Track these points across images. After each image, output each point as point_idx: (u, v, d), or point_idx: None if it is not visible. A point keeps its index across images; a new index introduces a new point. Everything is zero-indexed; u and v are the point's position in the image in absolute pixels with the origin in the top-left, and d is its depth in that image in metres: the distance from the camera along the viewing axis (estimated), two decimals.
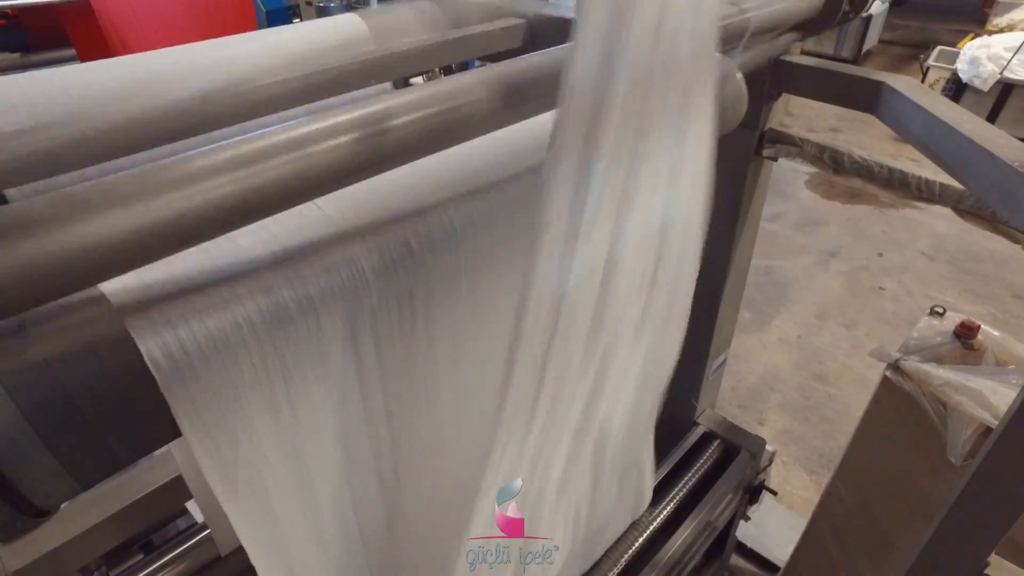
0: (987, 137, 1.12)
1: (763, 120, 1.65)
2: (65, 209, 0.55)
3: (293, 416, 0.77)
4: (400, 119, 0.59)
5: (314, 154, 0.56)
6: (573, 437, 1.03)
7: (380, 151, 0.59)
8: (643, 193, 0.79)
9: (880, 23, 9.75)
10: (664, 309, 1.06)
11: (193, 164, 0.57)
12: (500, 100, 0.65)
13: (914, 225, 5.72)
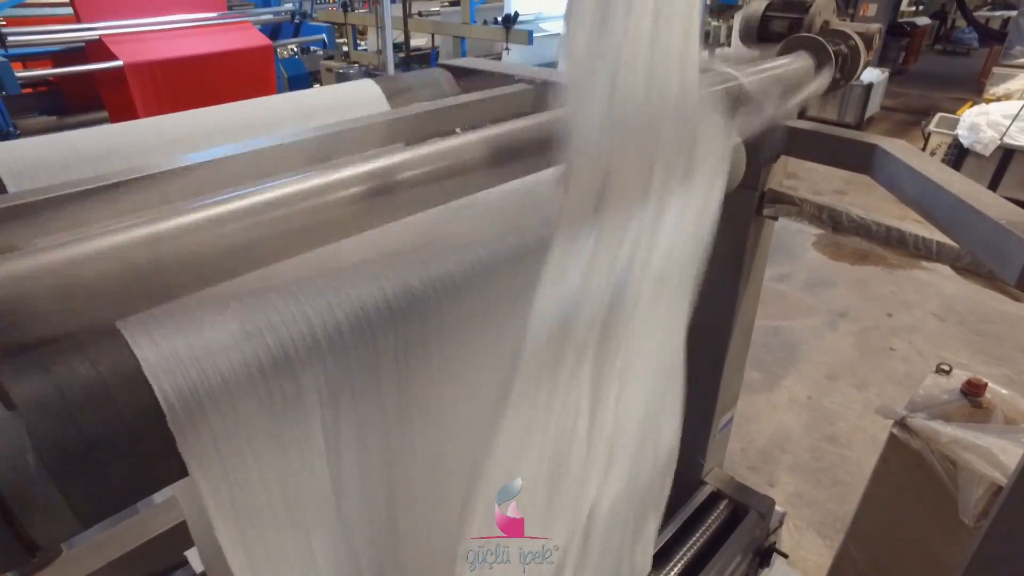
0: (975, 196, 1.16)
1: (763, 181, 1.70)
2: (86, 248, 0.59)
3: (299, 459, 0.78)
4: (406, 173, 0.64)
5: (322, 204, 0.60)
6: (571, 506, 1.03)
7: (387, 203, 0.63)
8: (643, 246, 0.82)
9: (881, 91, 10.03)
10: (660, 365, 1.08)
11: (210, 210, 0.61)
12: (503, 157, 0.69)
13: (923, 286, 5.72)
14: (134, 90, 3.85)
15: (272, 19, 5.00)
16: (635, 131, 0.70)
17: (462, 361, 0.89)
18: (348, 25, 7.09)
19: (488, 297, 0.82)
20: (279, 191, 0.61)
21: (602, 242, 0.75)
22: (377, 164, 0.64)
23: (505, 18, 5.51)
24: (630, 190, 0.74)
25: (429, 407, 0.88)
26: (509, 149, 0.72)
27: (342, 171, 0.63)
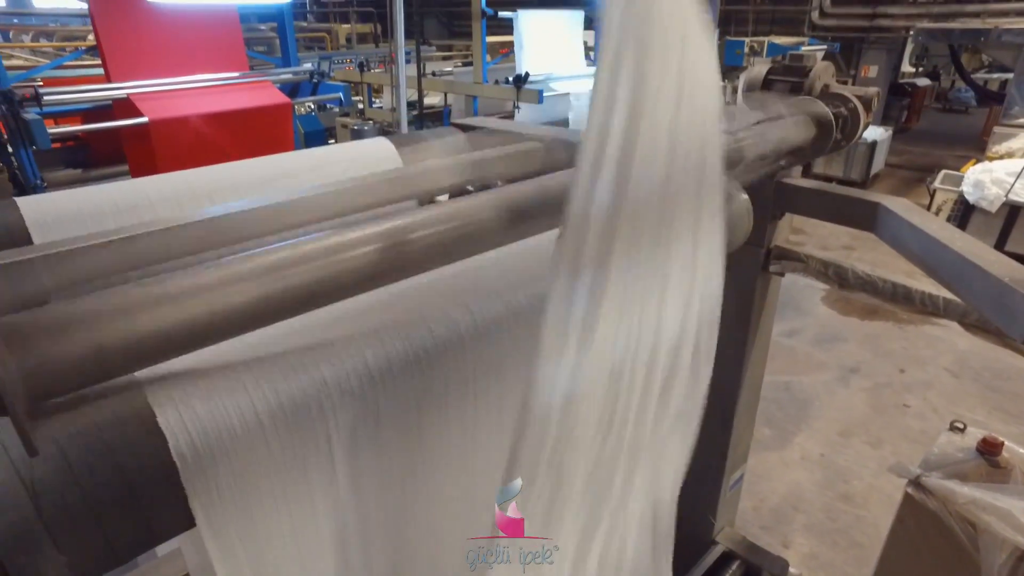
0: (976, 253, 1.18)
1: (768, 238, 1.73)
2: (106, 305, 0.61)
3: (301, 512, 0.78)
4: (418, 233, 0.66)
5: (336, 262, 0.62)
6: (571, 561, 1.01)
7: (399, 261, 0.65)
8: (648, 307, 0.82)
9: (885, 148, 10.19)
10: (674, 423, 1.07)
11: (228, 268, 0.64)
12: (510, 218, 0.72)
13: (935, 342, 5.66)
14: (156, 145, 3.99)
15: (291, 78, 5.20)
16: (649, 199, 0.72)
17: (467, 420, 0.89)
18: (364, 84, 7.36)
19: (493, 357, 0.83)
20: (295, 250, 0.63)
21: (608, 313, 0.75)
22: (389, 224, 0.67)
23: (516, 78, 5.70)
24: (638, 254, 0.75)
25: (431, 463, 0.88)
26: (519, 209, 0.74)
27: (355, 231, 0.66)
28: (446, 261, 0.71)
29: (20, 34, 12.41)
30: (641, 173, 0.72)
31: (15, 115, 3.93)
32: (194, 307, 0.60)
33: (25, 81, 4.55)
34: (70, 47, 9.88)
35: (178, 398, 0.68)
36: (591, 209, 0.68)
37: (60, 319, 0.60)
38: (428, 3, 18.27)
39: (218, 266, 0.63)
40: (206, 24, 4.57)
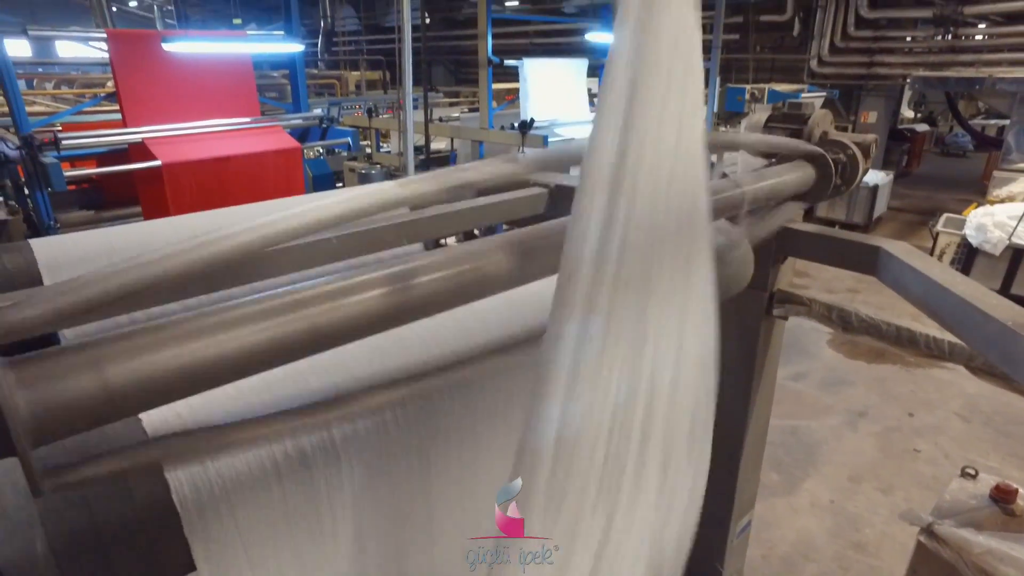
0: (979, 297, 1.18)
1: (771, 282, 1.74)
2: (113, 347, 0.62)
3: (303, 559, 0.78)
4: (424, 277, 0.68)
5: (342, 306, 0.64)
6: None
7: (405, 306, 0.66)
8: (642, 351, 0.83)
9: (887, 192, 10.30)
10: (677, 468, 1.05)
11: (235, 312, 0.65)
12: (514, 263, 0.73)
13: (944, 385, 5.60)
14: (169, 187, 4.07)
15: (301, 124, 5.34)
16: (644, 241, 0.73)
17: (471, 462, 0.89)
18: (372, 129, 7.52)
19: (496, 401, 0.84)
20: (301, 294, 0.65)
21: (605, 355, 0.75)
22: (395, 269, 0.68)
23: (522, 124, 5.83)
24: (631, 298, 0.76)
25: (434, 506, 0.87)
26: (524, 254, 0.76)
27: (361, 276, 0.67)
28: (451, 305, 0.73)
29: (43, 82, 12.83)
30: (632, 218, 0.73)
31: (34, 159, 4.03)
32: (201, 350, 0.61)
33: (46, 126, 4.68)
34: (89, 94, 10.19)
35: (182, 443, 0.68)
36: (584, 253, 0.69)
37: (68, 360, 0.61)
38: (436, 52, 18.82)
39: (225, 310, 0.64)
40: (221, 71, 4.72)
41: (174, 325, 0.65)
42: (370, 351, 0.80)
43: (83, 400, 0.62)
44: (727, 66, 11.84)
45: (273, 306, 0.63)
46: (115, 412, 0.65)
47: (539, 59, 6.81)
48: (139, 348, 0.63)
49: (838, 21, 11.49)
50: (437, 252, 0.72)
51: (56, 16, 21.93)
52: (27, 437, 0.57)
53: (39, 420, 0.56)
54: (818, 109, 1.78)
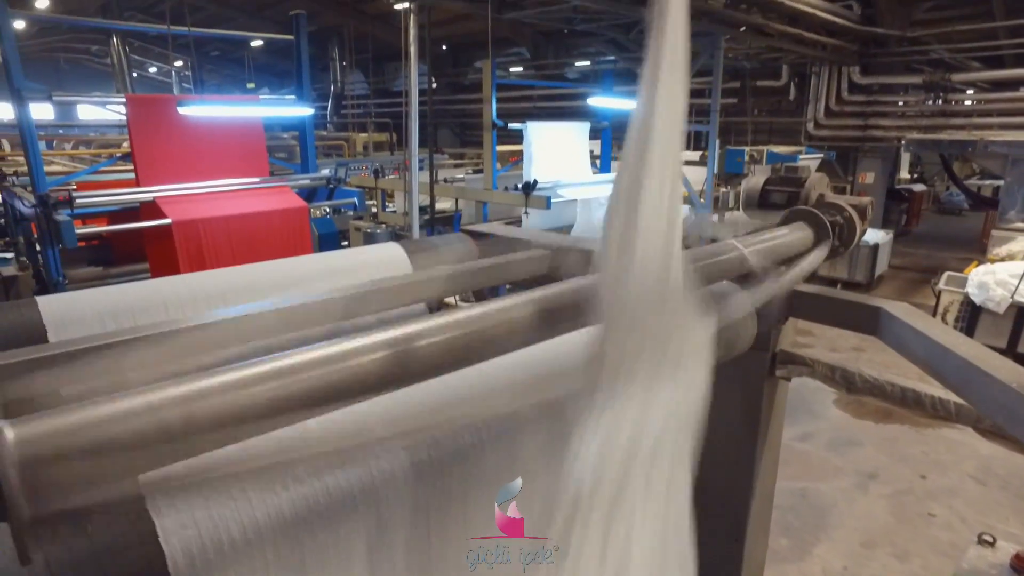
0: (981, 358, 1.18)
1: (773, 342, 1.73)
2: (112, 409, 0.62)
3: None
4: (426, 341, 0.69)
5: (343, 369, 0.64)
6: None
7: (406, 369, 0.67)
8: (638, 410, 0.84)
9: (887, 251, 10.38)
10: None
11: (243, 371, 0.65)
12: (520, 326, 0.74)
13: (956, 446, 5.48)
14: (178, 245, 4.14)
15: (309, 184, 5.46)
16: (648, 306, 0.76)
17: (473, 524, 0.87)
18: (378, 189, 7.69)
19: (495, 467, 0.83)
20: (303, 356, 0.65)
21: (622, 408, 0.77)
22: (397, 332, 0.69)
23: (525, 185, 5.95)
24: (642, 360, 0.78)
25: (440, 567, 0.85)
26: (529, 316, 0.77)
27: (363, 339, 0.68)
28: (453, 369, 0.73)
29: (63, 142, 13.28)
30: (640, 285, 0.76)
31: (48, 217, 4.12)
32: (200, 413, 0.61)
33: (62, 186, 4.81)
34: (106, 154, 10.51)
35: (179, 507, 0.67)
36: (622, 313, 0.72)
37: (67, 424, 0.61)
38: (442, 115, 19.42)
39: (226, 372, 0.64)
40: (233, 133, 4.88)
41: (173, 387, 0.66)
42: (371, 412, 0.80)
43: (80, 466, 0.62)
44: (726, 129, 12.16)
45: (273, 370, 0.64)
46: (111, 476, 0.64)
47: (542, 122, 7.01)
48: (140, 410, 0.63)
49: (832, 86, 11.87)
50: (438, 316, 0.73)
51: (81, 81, 22.90)
52: (21, 502, 0.56)
53: (33, 485, 0.56)
54: (814, 172, 1.83)
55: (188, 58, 15.36)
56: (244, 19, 18.34)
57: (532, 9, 7.59)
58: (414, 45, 5.77)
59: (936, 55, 11.20)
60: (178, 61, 17.47)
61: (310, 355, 0.65)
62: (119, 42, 15.23)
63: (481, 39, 10.51)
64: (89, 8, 15.68)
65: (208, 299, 1.36)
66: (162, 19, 9.03)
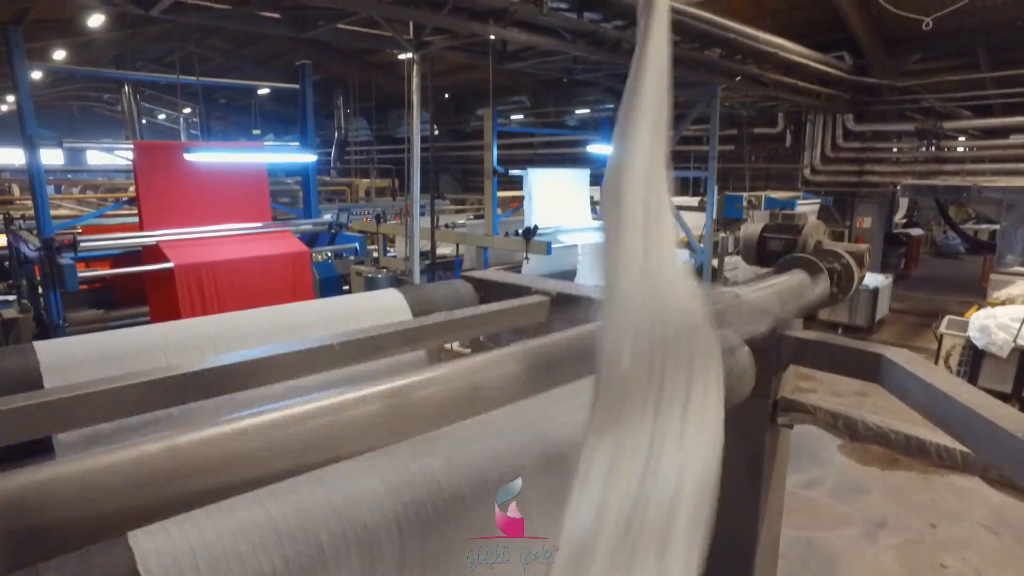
0: (986, 406, 1.17)
1: (774, 390, 1.72)
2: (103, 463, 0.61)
3: None
4: (424, 392, 0.68)
5: (343, 421, 0.64)
6: None
7: (403, 420, 0.66)
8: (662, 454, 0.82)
9: (887, 295, 10.39)
10: None
11: (237, 424, 0.65)
12: (517, 378, 0.74)
13: (966, 493, 5.37)
14: (180, 288, 4.16)
15: (311, 229, 5.52)
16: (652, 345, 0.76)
17: None
18: (380, 234, 7.75)
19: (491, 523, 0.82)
20: (300, 408, 0.65)
21: (622, 455, 0.76)
22: (395, 384, 0.69)
23: (526, 231, 6.01)
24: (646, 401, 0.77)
25: None
26: (525, 368, 0.77)
27: (360, 390, 0.68)
28: (449, 421, 0.73)
29: (71, 186, 13.48)
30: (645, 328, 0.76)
31: (51, 260, 4.15)
32: (191, 467, 0.60)
33: (68, 229, 4.86)
34: (112, 198, 10.65)
35: (168, 566, 0.66)
36: (621, 362, 0.72)
37: (56, 481, 0.60)
38: (443, 161, 19.74)
39: (221, 423, 0.64)
40: (237, 179, 4.96)
41: (165, 440, 0.65)
42: (366, 464, 0.78)
43: (68, 525, 0.61)
44: (724, 175, 12.35)
45: (270, 420, 0.63)
46: (100, 534, 0.63)
47: (543, 169, 7.13)
48: (129, 465, 0.62)
49: (827, 133, 12.11)
50: (436, 368, 0.73)
51: (92, 127, 23.44)
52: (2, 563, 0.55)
53: (18, 544, 0.55)
54: (811, 219, 1.85)
55: (196, 105, 15.76)
56: (252, 68, 18.87)
57: (532, 60, 7.81)
58: (417, 94, 5.92)
59: (927, 103, 11.48)
60: (186, 108, 17.91)
61: (304, 408, 0.64)
62: (130, 90, 15.65)
63: (483, 88, 10.83)
64: (104, 59, 16.17)
65: (207, 344, 1.36)
66: (173, 69, 9.30)
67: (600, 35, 6.62)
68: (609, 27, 6.45)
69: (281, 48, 16.67)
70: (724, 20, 7.55)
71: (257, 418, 0.64)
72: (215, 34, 16.49)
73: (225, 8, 5.75)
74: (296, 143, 5.68)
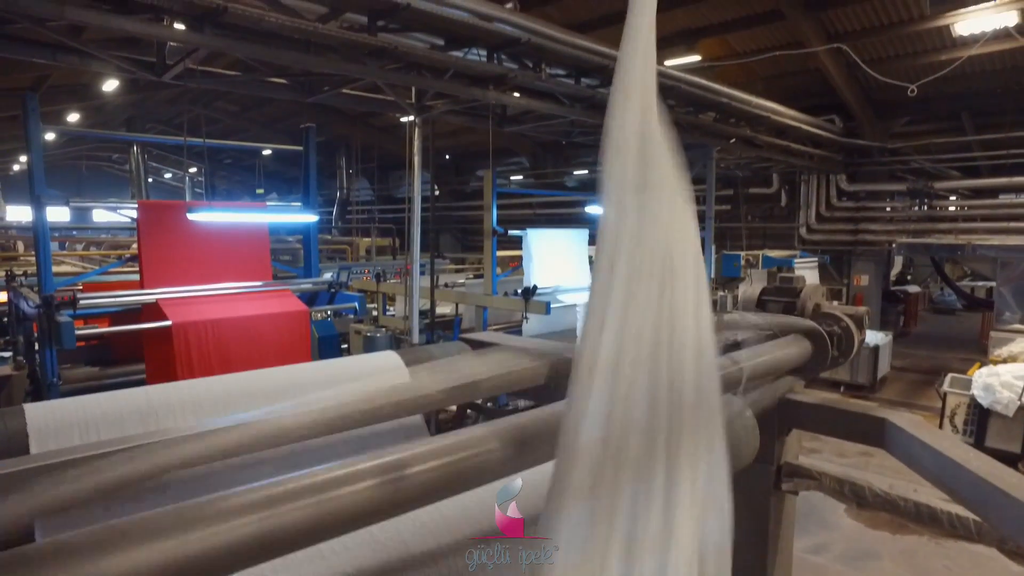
0: (997, 475, 1.14)
1: (777, 455, 1.69)
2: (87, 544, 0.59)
3: None
4: (417, 467, 0.67)
5: (335, 498, 0.62)
6: None
7: (397, 497, 0.64)
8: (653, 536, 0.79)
9: (888, 352, 10.34)
10: None
11: (225, 502, 0.63)
12: (510, 450, 0.72)
13: (983, 560, 5.17)
14: (177, 346, 4.12)
15: (311, 288, 5.53)
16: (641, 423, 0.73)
17: None
18: (379, 293, 7.77)
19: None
20: (293, 484, 0.63)
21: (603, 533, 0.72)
22: (389, 458, 0.68)
23: (525, 291, 6.02)
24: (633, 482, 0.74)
25: None
26: (522, 440, 0.75)
27: (353, 465, 0.66)
28: (444, 496, 0.71)
29: (75, 243, 13.63)
30: (631, 398, 0.73)
31: (49, 317, 4.14)
32: (177, 548, 0.58)
33: (69, 286, 4.88)
34: (114, 255, 10.74)
35: None
36: (581, 439, 0.69)
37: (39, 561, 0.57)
38: (444, 221, 19.99)
39: (208, 503, 0.62)
40: (238, 238, 5.00)
41: (153, 520, 0.63)
42: (358, 541, 0.76)
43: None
44: (721, 234, 12.50)
45: (261, 497, 0.62)
46: None
47: (542, 229, 7.20)
48: (116, 544, 0.59)
49: (821, 193, 12.33)
50: (431, 441, 0.71)
51: (100, 185, 23.93)
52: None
53: None
54: (809, 282, 1.86)
55: (202, 165, 16.13)
56: (258, 129, 19.38)
57: (531, 123, 8.03)
58: (418, 155, 6.06)
59: (917, 164, 11.75)
60: (192, 168, 18.30)
61: (296, 484, 0.63)
62: (139, 151, 16.05)
63: (483, 149, 11.11)
64: (116, 120, 16.65)
65: (200, 407, 1.34)
66: (181, 129, 9.56)
67: (597, 99, 6.84)
68: (606, 92, 6.67)
69: (287, 110, 17.17)
70: (717, 86, 7.83)
71: (247, 496, 0.62)
72: (223, 97, 17.02)
73: (234, 74, 5.97)
74: (298, 203, 5.77)
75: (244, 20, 4.15)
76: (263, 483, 0.64)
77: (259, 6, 4.21)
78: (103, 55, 4.67)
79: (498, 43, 5.44)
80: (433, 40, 5.34)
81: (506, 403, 3.17)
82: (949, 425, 7.21)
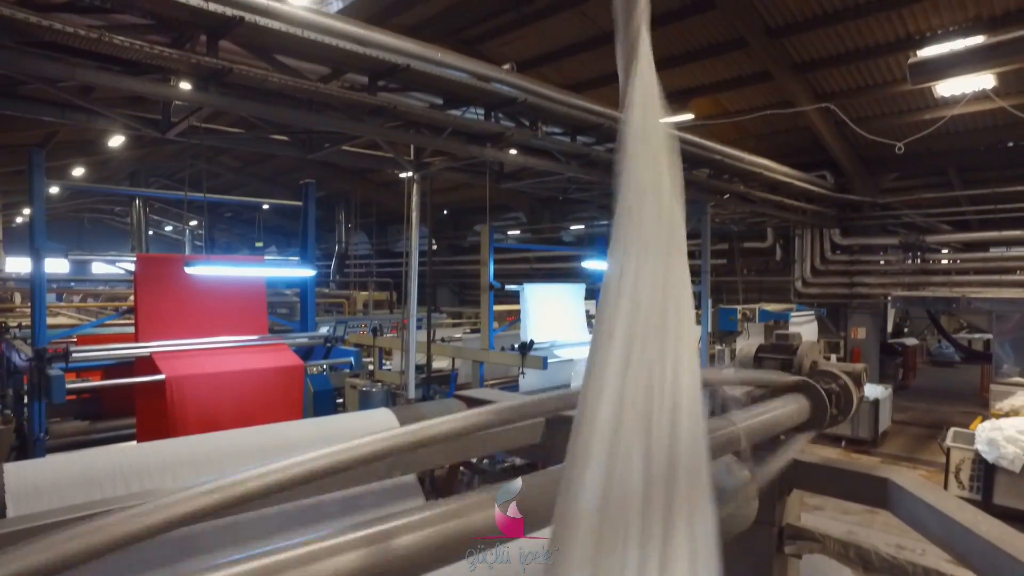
0: (1007, 540, 1.11)
1: (779, 516, 1.64)
2: None
3: None
4: (406, 537, 0.65)
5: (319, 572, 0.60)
6: None
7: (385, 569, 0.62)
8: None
9: (888, 406, 10.24)
10: None
11: None
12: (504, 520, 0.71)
13: None
14: (170, 401, 4.07)
15: (307, 342, 5.51)
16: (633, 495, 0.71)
17: None
18: (376, 346, 7.73)
19: None
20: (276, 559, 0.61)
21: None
22: (374, 529, 0.66)
23: (522, 345, 6.00)
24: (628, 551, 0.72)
25: None
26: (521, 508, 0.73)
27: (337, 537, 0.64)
28: (435, 567, 0.68)
29: (72, 295, 13.62)
30: (629, 465, 0.72)
31: (40, 371, 4.10)
32: None
33: (64, 338, 4.85)
34: (111, 307, 10.72)
35: None
36: (580, 508, 0.67)
37: None
38: (441, 275, 20.09)
39: None
40: (235, 291, 5.01)
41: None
42: None
43: None
44: (717, 288, 12.56)
45: (244, 571, 0.59)
46: None
47: (539, 284, 7.24)
48: None
49: (815, 247, 12.47)
50: (423, 509, 0.69)
51: (101, 238, 24.12)
52: None
53: None
54: (805, 339, 1.85)
55: (202, 218, 16.31)
56: (258, 184, 19.68)
57: (528, 180, 8.18)
58: (416, 210, 6.15)
59: (908, 218, 11.94)
60: (193, 221, 18.49)
61: (284, 555, 0.61)
62: (141, 204, 16.26)
63: (480, 205, 11.31)
64: (119, 175, 16.94)
65: (189, 466, 1.32)
66: (184, 183, 9.72)
67: (593, 157, 6.99)
68: (601, 149, 6.83)
69: (288, 165, 17.50)
70: (710, 143, 8.02)
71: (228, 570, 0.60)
72: (225, 152, 17.37)
73: (237, 131, 6.11)
74: (296, 258, 5.81)
75: (248, 80, 4.28)
76: (244, 555, 0.62)
77: (263, 67, 4.34)
78: (110, 113, 4.80)
79: (496, 102, 5.60)
80: (432, 99, 5.50)
81: (502, 460, 3.11)
82: (955, 481, 7.07)
